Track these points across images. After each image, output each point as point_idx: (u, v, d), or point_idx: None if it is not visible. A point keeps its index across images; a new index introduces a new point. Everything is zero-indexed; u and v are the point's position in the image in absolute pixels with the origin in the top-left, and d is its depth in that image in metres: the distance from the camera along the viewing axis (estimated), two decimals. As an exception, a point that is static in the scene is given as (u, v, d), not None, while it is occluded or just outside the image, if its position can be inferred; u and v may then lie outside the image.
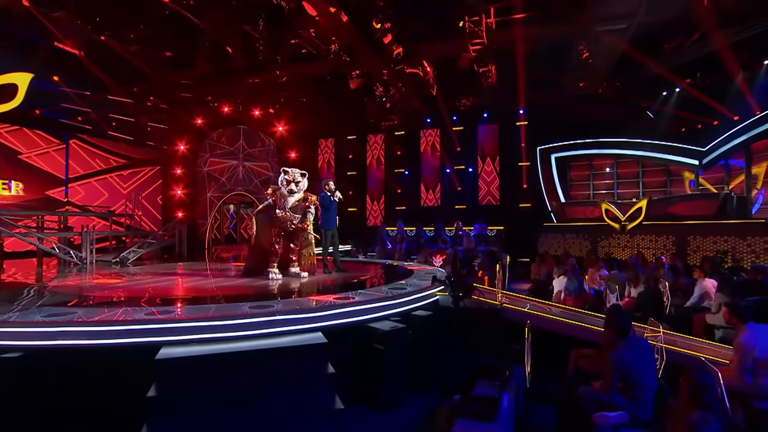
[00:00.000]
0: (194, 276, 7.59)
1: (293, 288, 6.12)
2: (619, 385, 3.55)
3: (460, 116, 17.39)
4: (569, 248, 13.34)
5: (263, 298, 5.20)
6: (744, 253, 9.42)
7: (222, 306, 4.57)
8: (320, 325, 4.45)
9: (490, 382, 4.38)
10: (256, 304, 4.61)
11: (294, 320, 4.33)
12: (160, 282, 6.85)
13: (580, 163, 15.65)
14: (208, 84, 14.05)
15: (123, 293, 5.85)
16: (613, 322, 3.68)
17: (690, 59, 12.40)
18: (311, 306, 4.57)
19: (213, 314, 4.13)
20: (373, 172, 18.75)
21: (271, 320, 4.22)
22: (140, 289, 6.07)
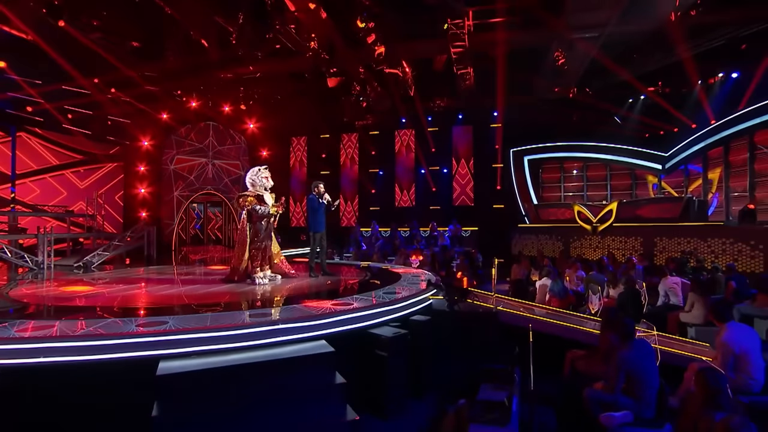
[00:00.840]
0: (172, 282, 7.25)
1: (286, 294, 5.97)
2: (623, 386, 3.70)
3: (435, 117, 17.59)
4: (543, 249, 13.79)
5: (258, 305, 5.04)
6: (705, 254, 10.07)
7: (219, 315, 4.38)
8: (322, 333, 4.36)
9: (494, 386, 4.47)
10: (255, 312, 4.46)
11: (297, 329, 4.22)
12: (136, 289, 6.48)
13: (552, 166, 16.22)
14: (178, 77, 13.47)
15: (99, 302, 5.49)
16: (618, 325, 3.83)
17: (654, 68, 13.17)
18: (313, 313, 4.46)
19: (214, 325, 3.96)
20: (347, 171, 18.62)
21: (274, 329, 4.09)
22: (117, 298, 5.72)
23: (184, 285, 6.70)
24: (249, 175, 6.97)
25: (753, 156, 11.43)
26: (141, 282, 7.13)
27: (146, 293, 6.01)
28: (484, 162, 17.14)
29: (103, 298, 5.75)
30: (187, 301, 5.44)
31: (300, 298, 5.59)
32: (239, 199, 6.84)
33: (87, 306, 5.24)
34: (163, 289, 6.34)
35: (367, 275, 7.81)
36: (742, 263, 9.40)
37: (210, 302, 5.38)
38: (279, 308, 4.64)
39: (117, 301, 5.38)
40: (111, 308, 4.98)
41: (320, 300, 5.19)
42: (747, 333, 4.27)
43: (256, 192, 6.88)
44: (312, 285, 6.80)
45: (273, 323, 4.13)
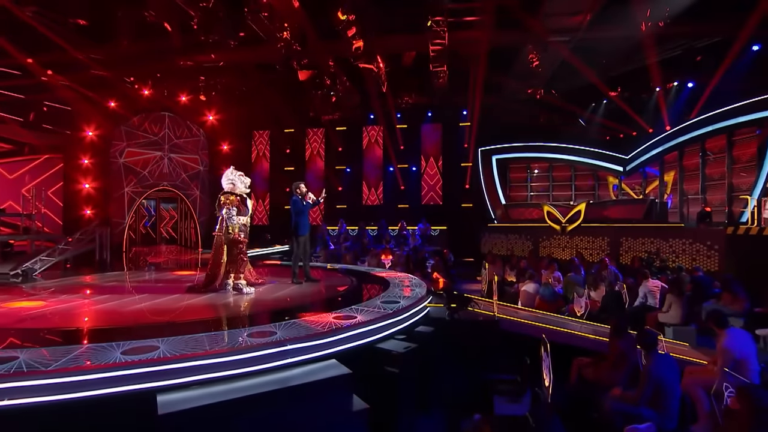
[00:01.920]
0: (140, 292, 6.57)
1: (278, 307, 5.55)
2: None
3: (404, 114, 17.46)
4: (513, 248, 14.10)
5: (254, 321, 4.63)
6: (666, 254, 10.68)
7: (216, 336, 3.94)
8: (331, 352, 4.06)
9: (509, 399, 4.38)
10: (256, 330, 4.07)
11: (306, 349, 3.89)
12: (101, 302, 5.78)
13: (519, 165, 16.60)
14: (131, 62, 12.35)
15: (59, 321, 4.80)
16: (642, 337, 3.85)
17: (616, 74, 13.80)
18: (320, 330, 4.14)
19: (215, 350, 3.53)
20: (312, 168, 18.08)
21: (282, 351, 3.74)
22: (81, 315, 5.05)
23: (155, 295, 6.07)
24: (228, 176, 6.48)
25: (704, 161, 12.27)
26: (102, 293, 6.39)
27: (116, 308, 5.35)
28: (453, 160, 17.26)
29: (62, 315, 5.04)
30: (169, 317, 4.89)
31: (296, 311, 5.22)
32: (220, 198, 6.31)
33: (45, 327, 4.55)
34: (133, 302, 5.70)
35: (353, 281, 7.51)
36: (699, 262, 10.03)
37: (196, 318, 4.87)
38: (281, 325, 4.26)
39: (83, 321, 4.74)
40: (79, 330, 4.36)
41: (319, 313, 4.86)
42: (746, 339, 4.46)
43: (238, 192, 6.40)
44: (301, 294, 6.40)
45: (280, 344, 3.77)
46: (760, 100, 10.61)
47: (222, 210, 6.21)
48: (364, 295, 6.07)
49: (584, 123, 15.59)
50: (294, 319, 4.55)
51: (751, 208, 10.23)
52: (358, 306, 5.23)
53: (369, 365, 4.38)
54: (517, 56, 13.42)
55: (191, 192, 15.69)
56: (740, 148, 11.32)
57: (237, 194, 6.36)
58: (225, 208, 6.15)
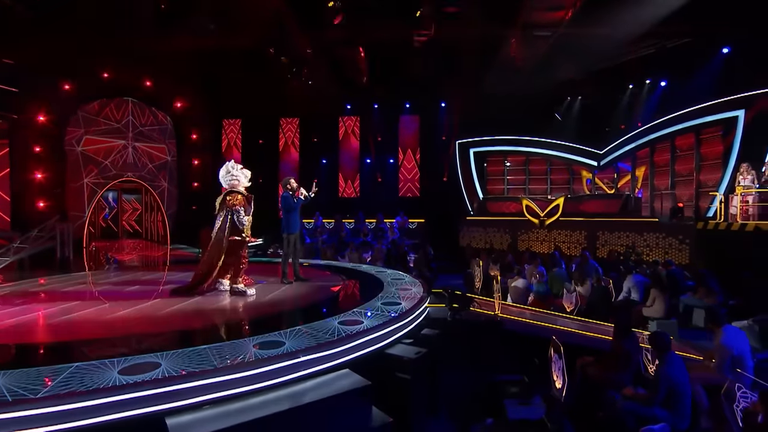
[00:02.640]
0: (119, 296, 6.09)
1: (277, 311, 5.27)
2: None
3: (381, 105, 17.23)
4: (491, 242, 14.27)
5: (253, 329, 4.37)
6: (640, 247, 11.11)
7: (220, 348, 3.65)
8: (343, 361, 3.89)
9: (521, 401, 4.37)
10: (261, 340, 3.82)
11: (319, 360, 3.70)
12: (76, 309, 5.30)
13: (496, 159, 16.76)
14: (89, 41, 11.40)
15: (33, 333, 4.35)
16: (657, 340, 3.91)
17: (594, 70, 14.13)
18: (330, 338, 3.94)
19: (226, 365, 3.28)
20: (286, 159, 17.58)
21: (296, 363, 3.53)
22: (57, 326, 4.59)
23: (136, 301, 5.65)
24: (229, 171, 6.03)
25: (674, 158, 12.82)
26: (73, 298, 5.88)
27: (94, 316, 4.90)
28: (430, 153, 17.25)
29: (31, 328, 4.54)
30: (160, 326, 4.52)
31: (297, 316, 4.99)
32: (226, 198, 5.90)
33: (14, 344, 4.07)
34: (113, 308, 5.25)
35: (344, 280, 7.31)
36: (671, 255, 10.50)
37: (191, 327, 4.52)
38: (288, 333, 4.03)
39: (59, 333, 4.29)
40: (59, 345, 3.94)
41: (322, 318, 4.65)
42: (741, 336, 4.64)
43: (242, 189, 6.00)
44: (295, 297, 6.14)
45: (292, 356, 3.55)
46: (724, 101, 11.16)
47: (229, 211, 5.80)
48: (362, 297, 5.90)
49: (560, 117, 15.92)
50: (298, 326, 4.32)
51: (717, 203, 10.79)
52: (359, 309, 5.05)
53: (378, 372, 4.24)
54: (499, 49, 13.48)
55: (159, 183, 14.88)
56: (707, 146, 11.88)
57: (242, 192, 5.96)
58: (233, 210, 5.75)
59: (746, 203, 9.39)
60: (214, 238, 5.88)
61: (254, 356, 3.48)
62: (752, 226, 8.76)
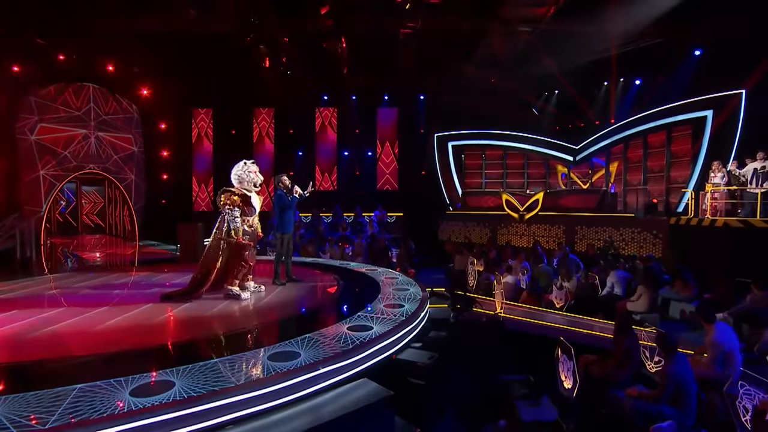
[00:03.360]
0: (97, 302, 5.73)
1: (281, 317, 5.09)
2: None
3: (359, 96, 16.99)
4: (470, 236, 14.47)
5: (260, 338, 4.21)
6: (617, 242, 11.57)
7: (232, 361, 3.48)
8: (359, 370, 3.82)
9: (531, 402, 4.45)
10: (274, 351, 3.69)
11: (336, 370, 3.61)
12: (55, 319, 4.90)
13: (474, 152, 16.92)
14: (43, 16, 10.57)
15: (14, 349, 4.01)
16: (664, 341, 4.06)
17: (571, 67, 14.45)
18: (345, 347, 3.85)
19: (246, 383, 3.13)
20: (261, 150, 17.04)
21: (314, 376, 3.43)
22: (42, 340, 4.24)
23: (125, 307, 5.32)
24: (235, 170, 5.81)
25: (647, 154, 13.37)
26: (51, 306, 5.48)
27: (81, 327, 4.55)
28: (409, 145, 17.20)
29: (15, 341, 4.18)
30: (159, 338, 4.24)
31: (302, 322, 4.85)
32: (221, 196, 5.64)
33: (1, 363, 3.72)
34: (100, 317, 4.88)
35: (338, 280, 7.20)
36: (646, 249, 11.01)
37: (193, 337, 4.27)
38: (300, 343, 3.91)
39: (46, 348, 3.97)
40: (51, 363, 3.64)
41: (330, 324, 4.55)
42: (731, 333, 4.90)
43: (242, 190, 5.74)
44: (294, 300, 5.97)
45: (312, 368, 3.44)
46: (693, 101, 11.72)
47: (225, 210, 5.57)
48: (361, 299, 5.81)
49: (537, 112, 16.24)
50: (307, 334, 4.20)
51: (686, 199, 11.38)
52: (364, 313, 4.98)
53: (391, 379, 4.20)
54: (480, 43, 13.54)
55: (125, 176, 14.10)
56: (678, 143, 12.46)
57: (240, 193, 5.69)
58: (226, 208, 5.51)
59: (716, 200, 9.92)
60: (212, 239, 5.65)
61: (268, 369, 3.35)
62: (721, 222, 9.26)
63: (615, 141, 14.00)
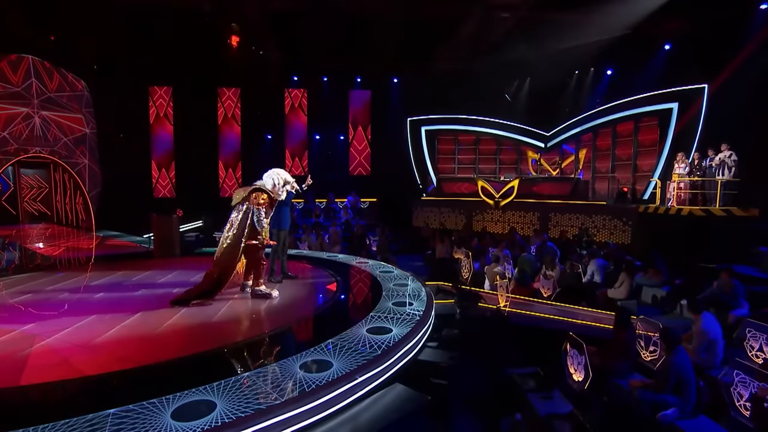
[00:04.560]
0: (83, 306, 5.39)
1: (290, 319, 5.01)
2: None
3: (330, 78, 16.62)
4: (445, 222, 14.78)
5: (281, 344, 4.16)
6: (590, 228, 12.23)
7: (264, 374, 3.42)
8: (389, 375, 3.89)
9: (543, 395, 4.70)
10: (306, 360, 3.66)
11: (372, 377, 3.65)
12: (51, 329, 4.55)
13: (447, 137, 17.12)
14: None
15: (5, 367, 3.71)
16: (667, 335, 4.41)
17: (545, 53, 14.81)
18: (376, 353, 3.88)
19: (294, 398, 3.10)
20: (227, 132, 16.39)
21: (353, 386, 3.45)
22: (39, 354, 3.95)
23: (118, 314, 5.02)
24: (275, 175, 5.83)
25: (615, 143, 14.10)
26: (35, 314, 5.08)
27: (80, 338, 4.24)
28: (382, 129, 17.11)
29: (10, 358, 3.86)
30: (172, 349, 3.96)
31: (319, 326, 4.82)
32: (252, 194, 5.48)
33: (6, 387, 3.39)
34: (97, 326, 4.53)
35: (332, 275, 7.15)
36: (616, 236, 11.74)
37: (211, 346, 4.06)
38: (329, 350, 3.90)
39: (53, 365, 3.70)
40: (61, 384, 3.41)
41: (347, 326, 4.56)
42: (715, 322, 5.38)
43: (272, 193, 5.59)
44: (298, 299, 5.88)
45: (350, 378, 3.46)
46: (660, 94, 12.44)
47: (250, 209, 5.47)
48: (365, 297, 5.84)
49: (509, 98, 16.60)
50: (329, 339, 4.19)
51: (652, 187, 12.18)
52: (376, 314, 5.02)
53: (412, 380, 4.30)
54: (458, 27, 13.57)
55: (77, 160, 13.10)
56: (645, 133, 13.22)
57: (270, 193, 5.58)
58: (256, 208, 5.42)
59: (681, 189, 10.68)
60: (232, 237, 5.45)
61: (306, 381, 3.33)
62: (687, 211, 10.02)
63: (585, 129, 14.63)
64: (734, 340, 5.71)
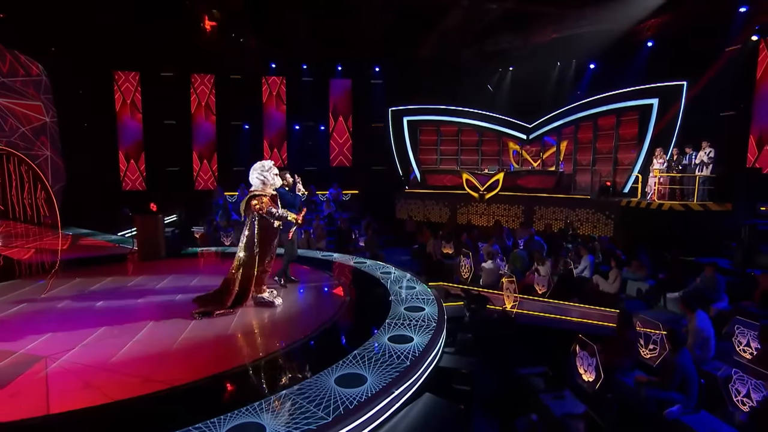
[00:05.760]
0: (83, 318, 5.25)
1: (308, 329, 5.06)
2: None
3: (310, 66, 16.37)
4: (429, 214, 15.02)
5: (308, 357, 4.24)
6: (574, 222, 12.76)
7: (302, 389, 3.50)
8: (419, 384, 4.06)
9: (555, 395, 5.01)
10: (340, 374, 3.77)
11: (406, 389, 3.81)
12: (54, 346, 4.46)
13: (429, 128, 17.26)
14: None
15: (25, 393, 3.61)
16: (674, 337, 4.78)
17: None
18: (405, 364, 4.04)
19: (342, 416, 3.21)
20: (200, 122, 15.91)
21: (391, 399, 3.60)
22: (48, 376, 3.85)
23: (124, 325, 4.94)
24: (258, 171, 5.54)
25: (596, 136, 14.67)
26: (34, 327, 4.91)
27: (94, 356, 4.07)
28: (363, 120, 17.07)
29: (26, 383, 3.77)
30: (196, 366, 3.92)
31: (337, 335, 4.90)
32: (251, 201, 5.38)
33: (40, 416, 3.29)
34: (106, 341, 4.46)
35: (332, 276, 7.22)
36: (599, 229, 12.33)
37: (239, 362, 4.08)
38: (361, 362, 4.02)
39: (78, 389, 3.60)
40: (96, 410, 3.36)
41: (367, 335, 4.69)
42: (708, 321, 5.84)
43: (269, 192, 5.54)
44: (304, 305, 5.92)
45: (388, 392, 3.60)
46: (641, 89, 13.01)
47: (255, 217, 5.43)
48: (373, 302, 5.95)
49: (491, 89, 16.88)
50: (354, 350, 4.31)
51: (632, 181, 12.82)
52: (392, 320, 5.16)
53: (436, 388, 4.49)
54: (444, 16, 13.65)
55: (37, 151, 12.43)
56: (626, 127, 13.82)
57: (268, 195, 5.52)
58: (262, 214, 5.38)
59: (661, 185, 11.30)
60: (247, 248, 5.43)
61: (347, 397, 3.45)
62: (668, 205, 10.64)
63: (567, 122, 15.12)
64: (723, 335, 6.22)
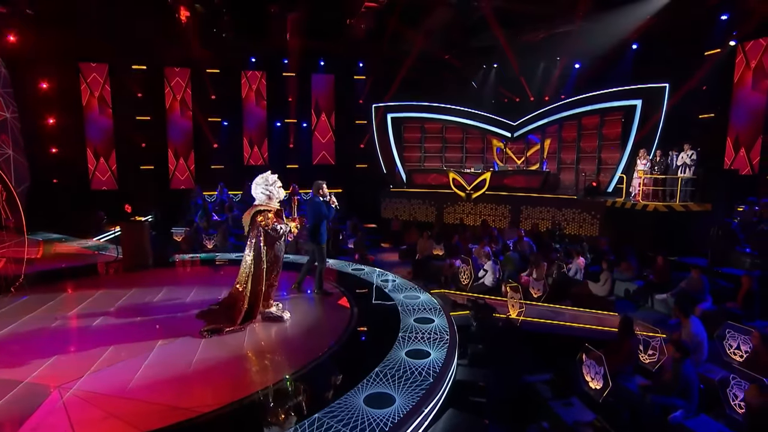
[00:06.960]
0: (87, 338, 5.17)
1: (320, 345, 5.14)
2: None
3: (291, 60, 16.19)
4: (415, 214, 15.22)
5: (333, 379, 4.34)
6: (559, 220, 13.21)
7: (332, 411, 3.60)
8: (442, 400, 4.25)
9: (564, 402, 5.30)
10: (369, 394, 3.91)
11: (431, 407, 3.99)
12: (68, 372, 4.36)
13: (413, 125, 17.39)
14: None
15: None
16: (680, 347, 5.13)
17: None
18: (423, 379, 4.21)
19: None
20: (176, 118, 15.54)
21: (421, 419, 3.77)
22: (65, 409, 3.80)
23: (131, 344, 4.91)
24: (263, 186, 5.54)
25: (581, 135, 15.18)
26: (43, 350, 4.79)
27: (110, 384, 4.01)
28: (346, 116, 17.04)
29: (50, 416, 3.70)
30: (220, 391, 3.96)
31: (353, 351, 5.02)
32: (256, 217, 5.37)
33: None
34: (121, 365, 4.43)
35: (334, 285, 7.30)
36: (585, 229, 12.83)
37: (261, 384, 4.15)
38: (389, 383, 4.16)
39: (103, 421, 3.58)
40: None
41: (385, 350, 4.83)
42: (702, 326, 6.27)
43: (274, 206, 5.56)
44: (313, 320, 5.98)
45: (418, 411, 3.77)
46: (624, 90, 13.56)
47: (260, 232, 5.42)
48: (381, 314, 6.10)
49: (476, 86, 17.16)
50: (375, 368, 4.45)
51: (616, 181, 13.37)
52: (404, 334, 5.33)
53: (452, 401, 4.69)
54: (429, 13, 13.78)
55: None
56: (610, 127, 14.36)
57: (273, 209, 5.53)
58: (267, 229, 5.39)
59: (645, 186, 11.84)
60: (254, 264, 5.42)
61: (381, 418, 3.59)
62: (652, 206, 11.18)
63: (552, 121, 15.57)
64: (714, 338, 6.68)
